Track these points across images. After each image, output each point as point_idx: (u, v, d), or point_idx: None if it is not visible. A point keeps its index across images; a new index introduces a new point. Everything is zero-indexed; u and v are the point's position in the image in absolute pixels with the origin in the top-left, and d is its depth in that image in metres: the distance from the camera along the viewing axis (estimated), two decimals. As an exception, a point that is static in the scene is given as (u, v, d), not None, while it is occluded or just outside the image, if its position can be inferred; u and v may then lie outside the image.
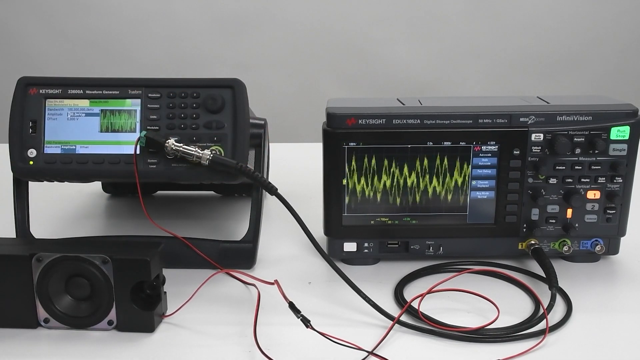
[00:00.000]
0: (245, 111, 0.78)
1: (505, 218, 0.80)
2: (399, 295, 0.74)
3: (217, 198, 1.10)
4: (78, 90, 0.78)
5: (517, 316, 0.70)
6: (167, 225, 0.84)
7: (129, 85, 0.78)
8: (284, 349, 0.64)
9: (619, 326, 0.69)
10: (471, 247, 0.83)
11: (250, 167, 0.76)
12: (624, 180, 0.79)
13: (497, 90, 2.66)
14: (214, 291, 0.76)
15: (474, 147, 0.78)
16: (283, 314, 0.67)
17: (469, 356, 0.63)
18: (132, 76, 0.79)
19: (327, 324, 0.65)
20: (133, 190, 1.10)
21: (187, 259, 0.82)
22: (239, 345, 0.65)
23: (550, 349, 0.64)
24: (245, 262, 0.82)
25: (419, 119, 0.77)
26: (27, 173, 0.79)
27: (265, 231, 0.90)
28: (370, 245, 0.82)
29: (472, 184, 0.79)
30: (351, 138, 0.78)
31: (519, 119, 0.77)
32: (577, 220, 0.80)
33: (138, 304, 0.67)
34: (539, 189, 0.79)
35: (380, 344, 0.64)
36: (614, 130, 0.77)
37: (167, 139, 0.75)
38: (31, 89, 0.79)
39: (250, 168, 0.76)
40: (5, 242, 0.73)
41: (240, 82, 0.78)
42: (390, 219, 0.81)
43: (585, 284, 0.78)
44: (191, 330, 0.69)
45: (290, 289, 0.68)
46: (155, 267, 0.66)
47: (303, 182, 0.85)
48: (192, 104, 0.78)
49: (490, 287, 0.77)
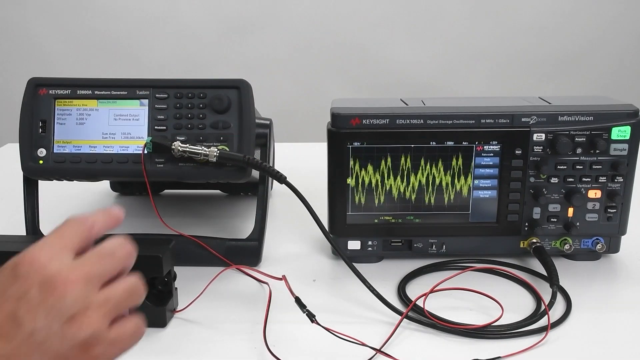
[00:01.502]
0: (251, 111, 0.79)
1: (507, 217, 0.81)
2: (402, 292, 0.75)
3: (223, 197, 1.11)
4: (87, 90, 0.80)
5: (520, 313, 0.71)
6: (174, 223, 0.85)
7: (137, 86, 0.80)
8: (290, 345, 0.65)
9: (619, 323, 0.70)
10: (473, 245, 0.84)
11: (257, 159, 0.77)
12: (624, 179, 0.80)
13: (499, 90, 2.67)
14: (223, 288, 0.77)
15: (476, 146, 0.79)
16: (289, 311, 0.68)
17: (472, 353, 0.64)
18: (139, 77, 0.80)
19: (332, 321, 0.66)
20: (140, 189, 1.11)
21: (195, 257, 0.83)
22: (247, 342, 0.66)
23: (552, 346, 0.65)
24: (251, 259, 0.83)
25: (422, 119, 0.78)
26: (37, 172, 0.80)
27: (270, 229, 0.91)
28: (374, 244, 0.83)
29: (475, 183, 0.80)
30: (355, 138, 0.79)
31: (521, 119, 0.78)
32: (578, 219, 0.81)
33: (150, 300, 0.68)
34: (540, 188, 0.80)
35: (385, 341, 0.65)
36: (614, 130, 0.78)
37: (173, 141, 0.76)
38: (41, 90, 0.80)
39: (258, 159, 0.77)
40: (16, 239, 0.74)
41: (246, 82, 0.80)
42: (393, 218, 0.82)
43: (586, 282, 0.79)
44: (202, 325, 0.70)
45: (296, 285, 0.69)
46: (167, 263, 0.68)
47: (308, 181, 0.86)
48: (199, 104, 0.79)
49: (493, 285, 0.78)
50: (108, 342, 0.44)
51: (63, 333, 0.42)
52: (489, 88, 2.70)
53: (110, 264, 0.47)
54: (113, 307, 0.45)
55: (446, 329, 0.68)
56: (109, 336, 0.44)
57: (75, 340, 0.43)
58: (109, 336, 0.44)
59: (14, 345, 0.41)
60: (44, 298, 0.42)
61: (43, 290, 0.42)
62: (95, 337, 0.43)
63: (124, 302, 0.47)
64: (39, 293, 0.42)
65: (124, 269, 0.49)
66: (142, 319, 0.48)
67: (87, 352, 0.43)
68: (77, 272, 0.44)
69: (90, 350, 0.43)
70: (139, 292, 0.48)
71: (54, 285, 0.43)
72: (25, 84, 0.80)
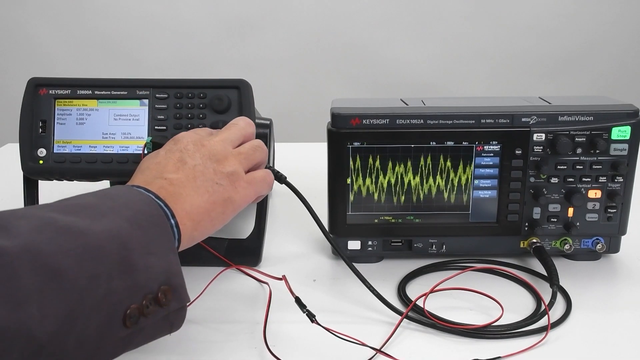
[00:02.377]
0: (251, 111, 0.79)
1: (507, 217, 0.81)
2: (402, 292, 0.75)
3: (222, 197, 1.10)
4: (87, 90, 0.80)
5: (520, 313, 0.71)
6: (174, 223, 0.85)
7: (137, 86, 0.80)
8: (289, 345, 0.65)
9: (619, 323, 0.70)
10: (473, 245, 0.84)
11: None
12: (624, 179, 0.80)
13: (499, 90, 2.67)
14: (223, 288, 0.77)
15: (476, 146, 0.79)
16: (288, 311, 0.68)
17: (472, 353, 0.64)
18: (139, 77, 0.80)
19: (332, 321, 0.66)
20: (140, 190, 1.11)
21: (195, 257, 0.82)
22: (247, 342, 0.66)
23: (552, 346, 0.65)
24: (251, 259, 0.83)
25: (422, 119, 0.78)
26: (37, 172, 0.80)
27: (270, 229, 0.91)
28: (374, 244, 0.83)
29: (475, 183, 0.80)
30: (355, 138, 0.79)
31: (521, 119, 0.78)
32: (578, 219, 0.81)
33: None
34: (540, 188, 0.80)
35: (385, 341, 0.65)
36: (615, 130, 0.78)
37: None
38: (41, 90, 0.80)
39: None
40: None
41: (246, 82, 0.80)
42: (393, 218, 0.82)
43: (586, 282, 0.79)
44: (202, 325, 0.70)
45: (296, 285, 0.69)
46: None
47: (308, 181, 0.86)
48: (199, 104, 0.79)
49: (493, 284, 0.78)
50: (245, 181, 0.65)
51: (214, 168, 0.63)
52: (489, 88, 2.70)
53: (237, 131, 0.69)
54: (244, 157, 0.67)
55: (446, 329, 0.68)
56: (246, 177, 0.66)
57: (223, 173, 0.63)
58: (245, 176, 0.66)
59: (184, 174, 0.61)
60: (198, 149, 0.64)
61: (196, 145, 0.65)
62: (236, 174, 0.64)
63: (252, 155, 0.68)
64: (194, 146, 0.65)
65: (249, 136, 0.71)
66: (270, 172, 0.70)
67: (233, 183, 0.64)
68: (215, 137, 0.67)
69: (236, 184, 0.64)
70: (263, 148, 0.70)
71: (201, 143, 0.65)
72: (25, 84, 0.80)
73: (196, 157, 0.63)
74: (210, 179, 0.62)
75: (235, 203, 0.64)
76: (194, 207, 0.59)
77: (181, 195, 0.59)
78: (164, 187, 0.59)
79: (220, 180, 0.62)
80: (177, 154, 0.63)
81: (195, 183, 0.61)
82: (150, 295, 0.51)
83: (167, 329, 0.54)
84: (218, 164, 0.64)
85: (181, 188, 0.59)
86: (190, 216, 0.59)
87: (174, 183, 0.59)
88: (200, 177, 0.61)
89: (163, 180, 0.60)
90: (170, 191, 0.58)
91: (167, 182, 0.59)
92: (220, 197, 0.62)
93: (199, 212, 0.60)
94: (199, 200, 0.60)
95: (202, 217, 0.60)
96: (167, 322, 0.54)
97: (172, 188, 0.59)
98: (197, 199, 0.60)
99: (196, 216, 0.59)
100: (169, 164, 0.62)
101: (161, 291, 0.51)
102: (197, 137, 0.66)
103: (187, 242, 0.59)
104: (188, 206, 0.59)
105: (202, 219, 0.60)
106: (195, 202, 0.59)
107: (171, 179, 0.60)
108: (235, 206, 0.64)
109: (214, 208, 0.61)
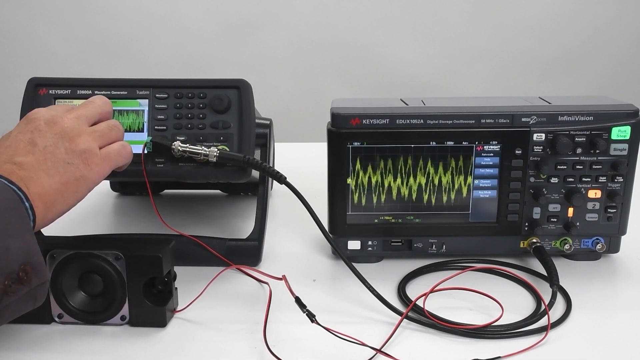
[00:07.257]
0: (251, 111, 0.79)
1: (507, 217, 0.81)
2: (402, 292, 0.75)
3: (223, 197, 1.11)
4: (87, 90, 0.80)
5: (520, 313, 0.71)
6: (174, 223, 0.85)
7: (137, 86, 0.80)
8: (290, 345, 0.66)
9: (619, 323, 0.70)
10: (473, 245, 0.84)
11: (257, 159, 0.77)
12: (624, 179, 0.80)
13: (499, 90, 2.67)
14: (223, 288, 0.77)
15: (476, 146, 0.79)
16: (288, 311, 0.68)
17: (472, 353, 0.64)
18: (139, 77, 0.80)
19: (332, 321, 0.66)
20: (141, 189, 1.11)
21: (195, 257, 0.83)
22: (247, 341, 0.66)
23: (552, 346, 0.66)
24: (251, 259, 0.83)
25: (422, 119, 0.78)
26: (37, 172, 0.80)
27: (270, 229, 0.91)
28: (374, 244, 0.83)
29: (475, 183, 0.80)
30: (355, 138, 0.79)
31: (521, 119, 0.78)
32: (578, 219, 0.81)
33: (150, 300, 0.68)
34: (540, 188, 0.80)
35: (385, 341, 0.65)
36: (614, 130, 0.78)
37: (173, 141, 0.76)
38: (41, 90, 0.80)
39: (258, 159, 0.77)
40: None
41: (246, 82, 0.80)
42: (393, 218, 0.82)
43: (586, 282, 0.79)
44: (202, 325, 0.70)
45: (296, 285, 0.69)
46: (167, 263, 0.68)
47: (307, 181, 0.86)
48: (199, 104, 0.79)
49: (493, 284, 0.78)
50: (100, 157, 0.66)
51: (65, 147, 0.64)
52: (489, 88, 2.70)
53: (93, 108, 0.70)
54: (99, 135, 0.68)
55: (446, 329, 0.68)
56: (100, 152, 0.67)
57: (75, 152, 0.64)
58: (99, 152, 0.67)
59: (34, 157, 0.61)
60: (50, 128, 0.64)
61: (48, 124, 0.64)
62: (89, 151, 0.65)
63: (108, 133, 0.69)
64: (46, 126, 0.64)
65: (105, 114, 0.72)
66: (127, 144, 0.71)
67: (85, 161, 0.65)
68: (70, 114, 0.67)
69: (89, 161, 0.65)
70: (118, 127, 0.71)
71: (54, 121, 0.65)
72: (26, 83, 0.80)
73: (47, 137, 0.63)
74: (62, 160, 0.63)
75: (88, 180, 0.65)
76: (46, 189, 0.60)
77: (32, 178, 0.60)
78: (14, 172, 0.59)
79: (72, 159, 0.64)
80: (29, 135, 0.63)
81: (46, 165, 0.61)
82: (12, 274, 0.54)
83: (30, 303, 0.57)
84: (70, 142, 0.64)
85: (32, 172, 0.60)
86: (43, 199, 0.60)
87: (24, 167, 0.60)
88: (51, 159, 0.62)
89: (13, 165, 0.60)
90: (21, 175, 0.59)
91: (17, 166, 0.60)
92: (72, 176, 0.63)
93: (51, 193, 0.61)
94: (51, 182, 0.61)
95: (55, 198, 0.61)
96: (30, 297, 0.56)
97: (22, 172, 0.60)
98: (48, 180, 0.61)
99: (49, 197, 0.61)
100: (20, 146, 0.62)
101: (22, 270, 0.54)
102: (51, 114, 0.66)
103: (42, 223, 0.61)
104: (40, 189, 0.60)
105: (55, 200, 0.61)
106: (47, 184, 0.61)
107: (21, 163, 0.60)
108: (89, 183, 0.65)
109: (67, 188, 0.63)
